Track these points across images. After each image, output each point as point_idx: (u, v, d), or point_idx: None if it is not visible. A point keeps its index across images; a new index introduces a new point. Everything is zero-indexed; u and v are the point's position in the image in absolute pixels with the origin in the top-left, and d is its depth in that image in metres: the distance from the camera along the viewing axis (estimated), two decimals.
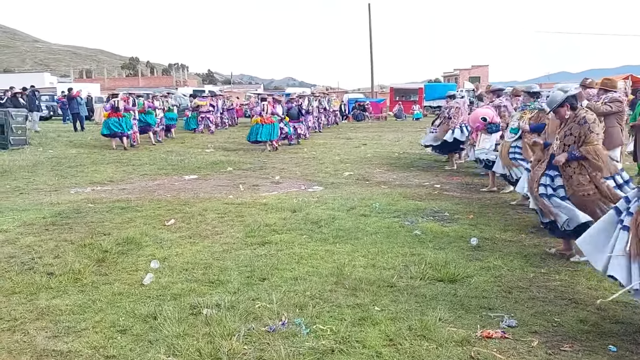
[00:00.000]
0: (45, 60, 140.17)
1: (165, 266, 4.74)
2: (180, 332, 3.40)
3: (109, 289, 4.20)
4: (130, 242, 5.40)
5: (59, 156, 13.14)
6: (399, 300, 3.94)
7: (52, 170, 10.84)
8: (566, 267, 4.72)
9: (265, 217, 6.58)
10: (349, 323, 3.52)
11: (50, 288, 4.24)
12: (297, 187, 8.97)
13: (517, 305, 3.87)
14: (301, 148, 15.41)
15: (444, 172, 10.59)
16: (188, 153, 14.08)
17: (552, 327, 3.51)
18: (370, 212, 6.83)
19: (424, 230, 5.88)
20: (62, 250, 5.22)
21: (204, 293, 4.10)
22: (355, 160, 12.64)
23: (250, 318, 3.62)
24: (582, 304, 3.88)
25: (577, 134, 4.69)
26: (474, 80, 52.02)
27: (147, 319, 3.63)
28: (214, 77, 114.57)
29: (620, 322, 3.59)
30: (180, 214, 6.75)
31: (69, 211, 6.93)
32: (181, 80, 65.87)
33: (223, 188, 8.83)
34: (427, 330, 3.40)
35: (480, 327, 3.47)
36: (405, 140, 18.15)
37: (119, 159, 12.83)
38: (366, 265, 4.73)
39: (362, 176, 10.06)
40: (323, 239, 5.61)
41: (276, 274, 4.52)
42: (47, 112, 30.37)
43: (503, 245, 5.41)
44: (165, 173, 10.56)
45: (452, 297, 3.99)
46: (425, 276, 4.41)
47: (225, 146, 15.93)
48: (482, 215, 6.70)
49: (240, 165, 11.79)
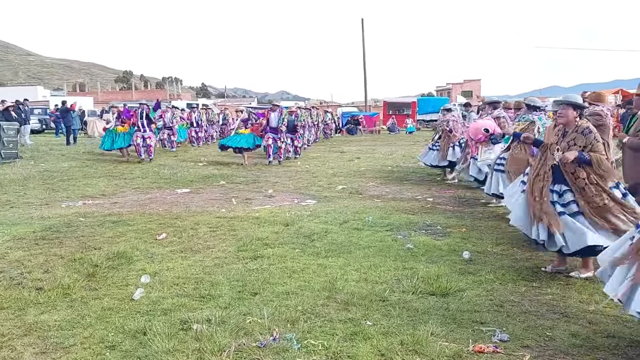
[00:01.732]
0: (38, 73, 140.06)
1: (155, 281, 4.70)
2: (170, 347, 3.36)
3: (98, 304, 4.16)
4: (121, 257, 5.35)
5: (50, 170, 13.08)
6: (391, 314, 3.92)
7: (43, 184, 10.77)
8: (558, 280, 4.72)
9: (258, 230, 6.56)
10: (340, 338, 3.50)
11: (38, 303, 4.19)
12: (290, 200, 8.95)
13: (509, 319, 3.86)
14: (294, 162, 15.41)
15: (437, 186, 10.61)
16: (180, 166, 14.06)
17: (544, 341, 3.50)
18: (363, 225, 6.83)
19: (417, 244, 5.87)
20: (52, 264, 5.17)
21: (195, 308, 4.06)
22: (348, 173, 12.66)
23: (241, 333, 3.59)
24: (573, 318, 3.88)
25: (582, 145, 4.60)
26: (466, 94, 52.41)
27: (137, 334, 3.59)
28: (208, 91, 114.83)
29: (612, 336, 3.59)
30: (172, 228, 6.72)
31: (59, 225, 6.88)
32: (175, 93, 65.95)
33: (215, 202, 8.80)
34: (419, 345, 3.38)
35: (473, 341, 3.46)
36: (398, 153, 18.21)
37: (111, 172, 12.78)
38: (358, 280, 4.72)
39: (355, 190, 10.06)
40: (315, 252, 5.59)
41: (268, 288, 4.49)
42: (40, 126, 30.30)
43: (495, 258, 5.41)
44: (157, 186, 10.52)
45: (445, 311, 3.98)
46: (417, 290, 4.40)
47: (218, 160, 15.91)
48: (475, 229, 6.71)
49: (233, 178, 11.77)
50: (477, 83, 64.71)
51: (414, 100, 41.42)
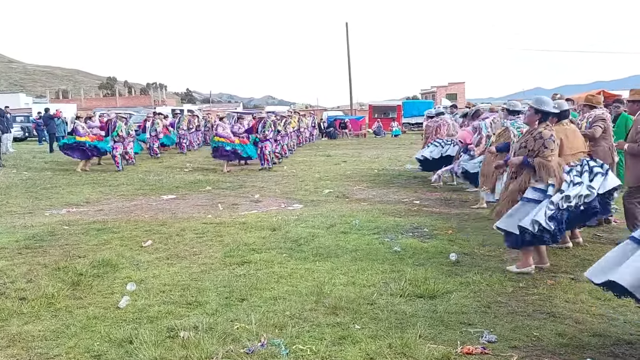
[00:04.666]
0: (20, 80, 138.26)
1: (141, 288, 4.64)
2: (156, 356, 3.32)
3: (83, 313, 4.10)
4: (106, 265, 5.29)
5: (33, 178, 12.91)
6: (379, 317, 3.92)
7: (26, 192, 10.62)
8: (544, 281, 4.75)
9: (245, 236, 6.53)
10: (329, 342, 3.48)
11: (22, 313, 4.12)
12: (276, 205, 8.93)
13: (496, 320, 3.88)
14: (281, 166, 15.38)
15: (424, 188, 10.65)
16: (166, 173, 13.96)
17: (531, 341, 3.52)
18: (350, 229, 6.83)
19: (404, 247, 5.88)
20: (36, 274, 5.09)
21: (182, 315, 4.02)
22: (335, 177, 12.66)
23: (229, 340, 3.56)
24: (560, 318, 3.90)
25: (531, 148, 4.88)
26: (451, 97, 52.79)
27: (123, 343, 3.54)
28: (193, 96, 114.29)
29: (598, 334, 3.62)
30: (158, 235, 6.66)
31: (43, 234, 6.78)
32: (159, 99, 65.53)
33: (202, 207, 8.75)
34: (408, 348, 3.38)
35: (460, 343, 3.47)
36: (384, 157, 18.26)
37: (96, 179, 12.64)
38: (346, 283, 4.71)
39: (342, 193, 10.07)
40: (303, 257, 5.57)
41: (255, 294, 4.47)
42: (22, 134, 29.91)
43: (482, 260, 5.44)
44: (142, 193, 10.43)
45: (432, 314, 3.99)
46: (405, 293, 4.40)
47: (204, 165, 15.84)
48: (461, 231, 6.74)
49: (220, 184, 11.71)
50: (462, 86, 65.25)
51: (400, 104, 41.60)
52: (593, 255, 5.25)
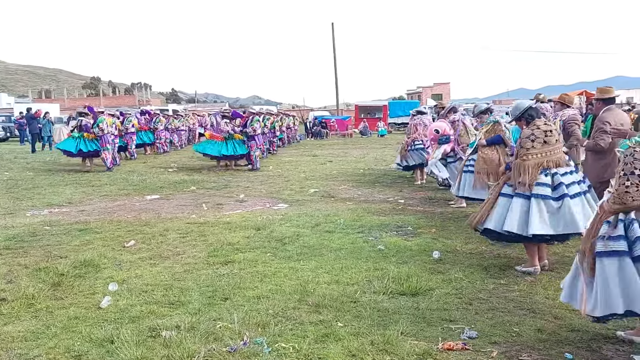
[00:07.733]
0: (2, 80, 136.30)
1: (123, 288, 4.61)
2: (138, 355, 3.30)
3: (64, 314, 4.07)
4: (87, 265, 5.25)
5: (15, 178, 12.74)
6: (362, 315, 3.94)
7: (7, 193, 10.48)
8: (525, 277, 4.81)
9: (229, 236, 6.51)
10: (311, 340, 3.50)
11: (2, 314, 4.07)
12: (261, 205, 8.92)
13: (477, 316, 3.92)
14: (266, 166, 15.36)
15: (408, 187, 10.70)
16: (150, 173, 13.85)
17: (511, 337, 3.57)
18: (335, 228, 6.84)
19: (388, 245, 5.92)
20: (16, 274, 5.04)
21: (164, 315, 4.01)
22: (320, 177, 12.67)
23: (211, 339, 3.55)
24: (540, 314, 3.96)
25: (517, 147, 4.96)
26: (436, 97, 53.08)
27: (104, 343, 3.52)
28: (178, 96, 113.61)
29: (577, 330, 3.67)
30: (141, 235, 6.62)
31: (24, 234, 6.71)
32: (144, 99, 65.03)
33: (186, 207, 8.70)
34: (389, 345, 3.40)
35: (442, 339, 3.50)
36: (370, 156, 18.31)
37: (78, 180, 12.51)
38: (330, 282, 4.72)
39: (328, 193, 10.08)
40: (287, 256, 5.58)
41: (238, 293, 4.46)
42: (4, 134, 29.52)
43: (464, 257, 5.49)
44: (125, 193, 10.34)
45: (414, 311, 4.02)
46: (388, 290, 4.43)
47: (189, 165, 15.75)
48: (445, 229, 6.80)
49: (204, 184, 11.66)
50: (447, 86, 65.72)
51: (386, 104, 41.73)
52: (573, 252, 5.31)
